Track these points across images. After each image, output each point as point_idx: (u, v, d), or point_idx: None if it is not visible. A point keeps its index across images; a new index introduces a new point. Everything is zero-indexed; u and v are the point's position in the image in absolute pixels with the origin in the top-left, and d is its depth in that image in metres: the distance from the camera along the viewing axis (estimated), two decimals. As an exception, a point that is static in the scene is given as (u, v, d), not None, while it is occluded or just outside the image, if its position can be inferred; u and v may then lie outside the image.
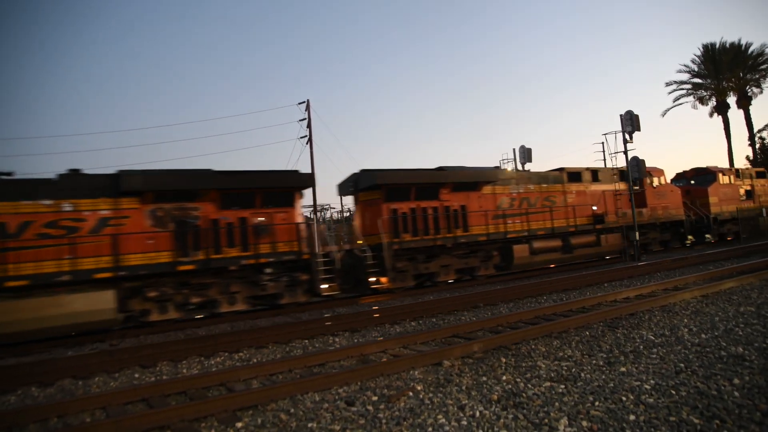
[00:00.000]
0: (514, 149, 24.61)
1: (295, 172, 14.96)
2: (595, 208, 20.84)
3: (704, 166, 27.76)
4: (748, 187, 28.60)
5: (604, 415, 4.81)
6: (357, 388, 6.25)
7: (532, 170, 20.39)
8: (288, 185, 14.36)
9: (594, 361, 6.69)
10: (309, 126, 30.70)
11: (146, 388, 6.60)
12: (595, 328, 8.67)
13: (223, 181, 13.37)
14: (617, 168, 22.49)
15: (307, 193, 17.75)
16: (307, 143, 30.59)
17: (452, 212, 17.12)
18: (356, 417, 5.26)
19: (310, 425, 5.13)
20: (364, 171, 16.46)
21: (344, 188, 17.87)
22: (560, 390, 5.62)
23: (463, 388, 5.97)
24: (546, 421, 4.76)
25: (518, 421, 4.83)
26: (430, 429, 4.81)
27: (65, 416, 5.95)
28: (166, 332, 12.06)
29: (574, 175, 21.01)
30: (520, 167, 23.48)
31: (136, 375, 8.05)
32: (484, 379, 6.27)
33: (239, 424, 5.30)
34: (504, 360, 7.09)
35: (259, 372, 7.26)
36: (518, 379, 6.13)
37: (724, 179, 27.05)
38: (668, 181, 24.56)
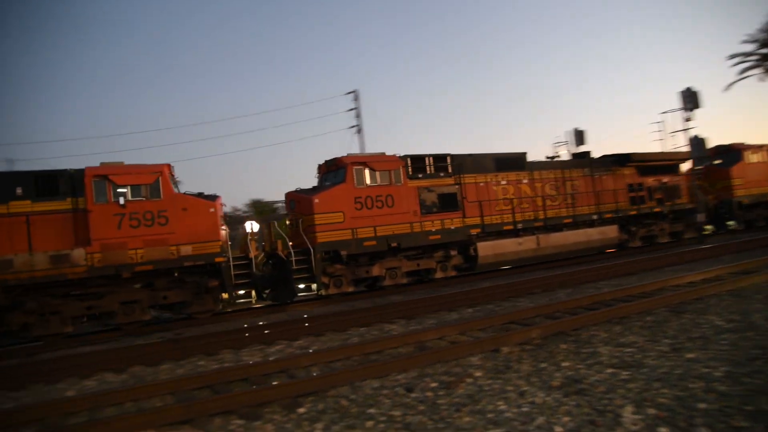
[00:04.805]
0: (566, 132, 23.52)
1: None
2: None
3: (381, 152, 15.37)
4: (452, 190, 16.08)
5: (671, 402, 4.64)
6: (416, 375, 6.28)
7: None
8: None
9: (659, 347, 6.47)
10: (358, 116, 30.97)
11: (211, 375, 6.86)
12: (659, 314, 8.36)
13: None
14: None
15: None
16: (357, 132, 30.94)
17: None
18: (416, 403, 5.29)
19: (370, 411, 5.20)
20: None
21: None
22: (624, 377, 5.47)
23: (523, 374, 5.91)
24: (610, 408, 4.64)
25: (581, 407, 4.73)
26: (490, 415, 4.79)
27: (138, 401, 6.26)
28: (227, 321, 12.52)
29: None
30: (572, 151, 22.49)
31: (201, 362, 8.37)
32: (544, 365, 6.18)
33: (301, 410, 5.43)
34: (564, 346, 6.96)
35: (319, 359, 7.40)
36: (579, 366, 6.01)
37: (361, 176, 14.70)
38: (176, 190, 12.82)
